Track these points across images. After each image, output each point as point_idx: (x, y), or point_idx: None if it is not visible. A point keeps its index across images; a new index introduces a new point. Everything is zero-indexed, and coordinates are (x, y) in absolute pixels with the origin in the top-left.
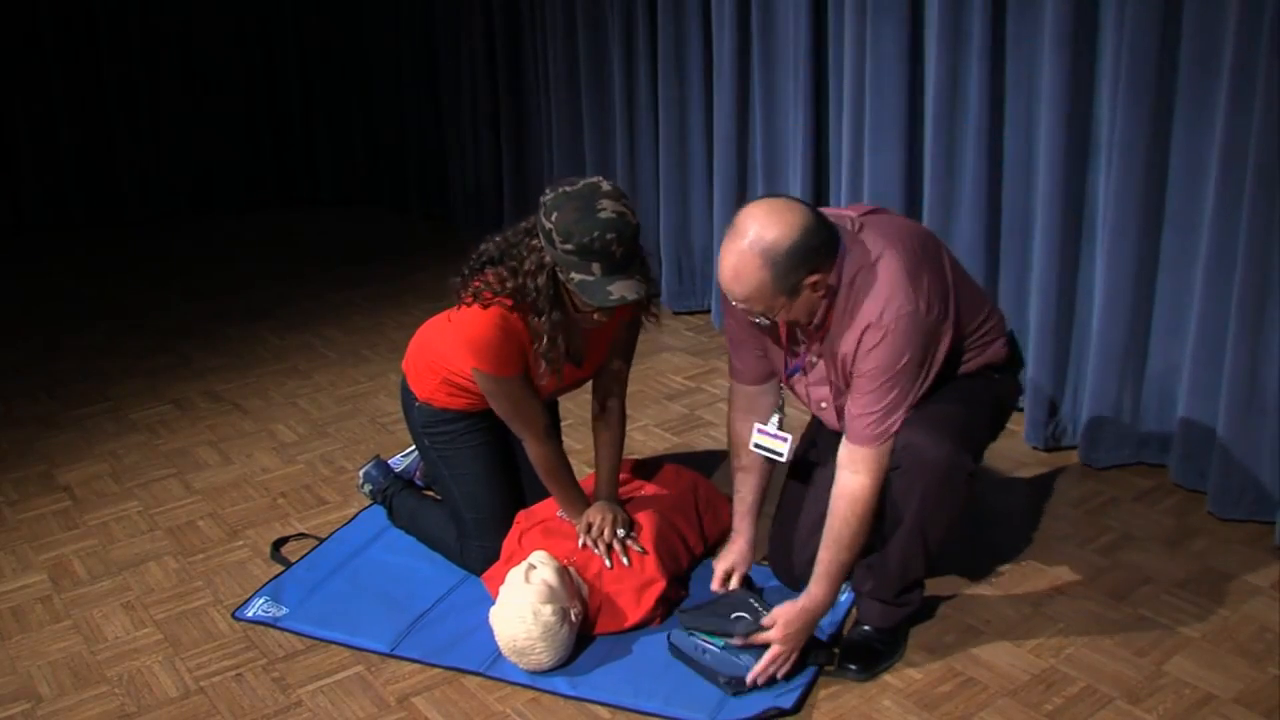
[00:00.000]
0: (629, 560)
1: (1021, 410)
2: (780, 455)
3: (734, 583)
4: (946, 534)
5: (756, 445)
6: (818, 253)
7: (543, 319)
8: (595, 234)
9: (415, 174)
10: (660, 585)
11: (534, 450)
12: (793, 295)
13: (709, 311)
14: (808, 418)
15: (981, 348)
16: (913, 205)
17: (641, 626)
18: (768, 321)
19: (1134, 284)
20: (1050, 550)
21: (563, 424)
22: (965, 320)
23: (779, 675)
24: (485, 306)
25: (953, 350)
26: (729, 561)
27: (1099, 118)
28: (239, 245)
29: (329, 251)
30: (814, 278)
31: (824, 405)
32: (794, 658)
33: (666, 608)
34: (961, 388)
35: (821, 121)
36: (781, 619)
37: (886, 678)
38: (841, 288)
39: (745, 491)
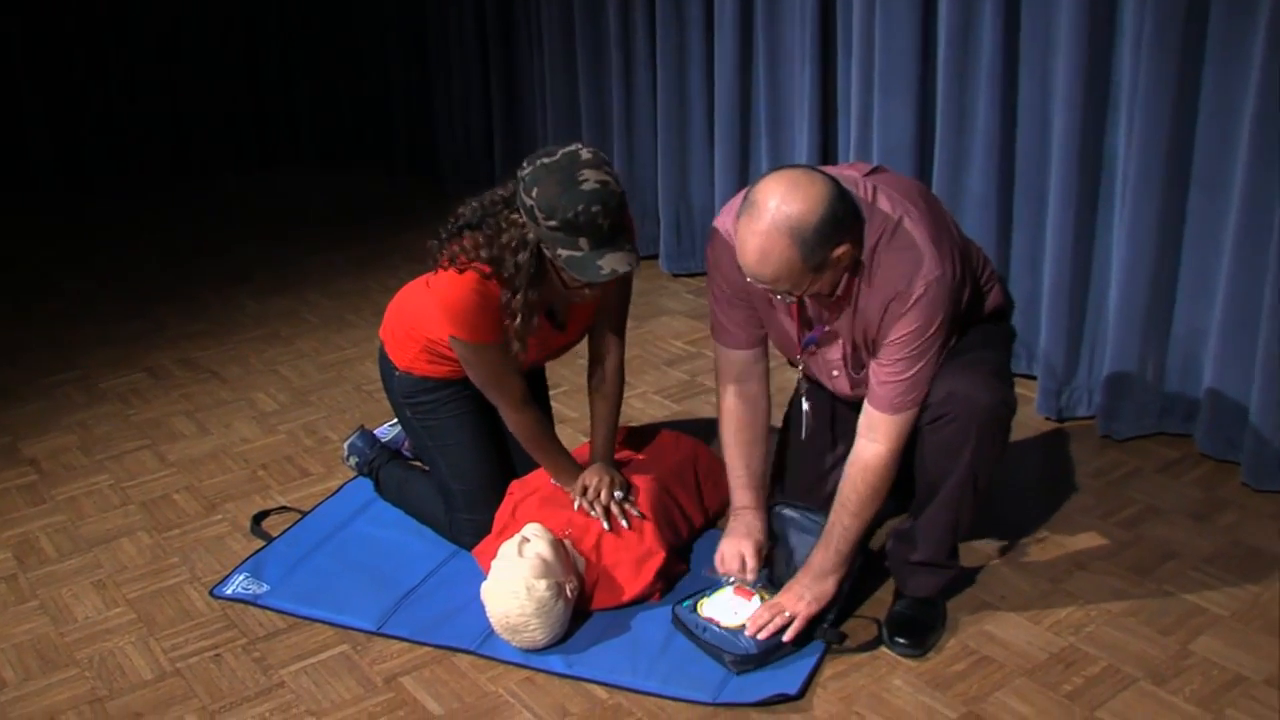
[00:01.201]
0: (628, 523)
1: (1033, 378)
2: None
3: (750, 565)
4: (992, 479)
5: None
6: (844, 224)
7: (517, 297)
8: (580, 208)
9: (402, 128)
10: (660, 557)
11: (511, 418)
12: (820, 271)
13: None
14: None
15: (984, 296)
16: (923, 161)
17: (640, 601)
18: (793, 299)
19: (1157, 244)
20: (1070, 523)
21: (557, 391)
22: (977, 272)
23: (785, 638)
24: (461, 272)
25: (966, 304)
26: (743, 542)
27: (1120, 64)
28: (215, 205)
29: (311, 212)
30: (841, 250)
31: (836, 373)
32: (799, 626)
33: (666, 582)
34: (978, 333)
35: (829, 73)
36: (792, 590)
37: (897, 657)
38: (864, 255)
39: (752, 461)
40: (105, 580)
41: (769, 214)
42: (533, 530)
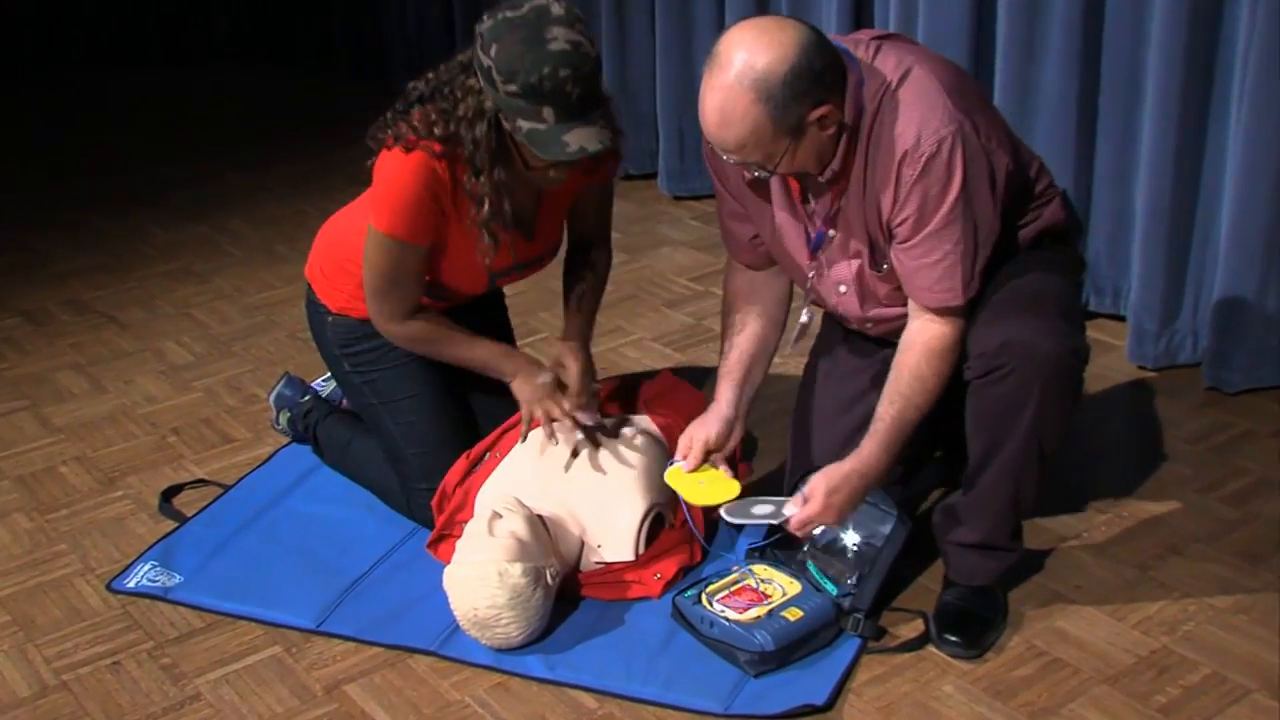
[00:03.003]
0: (590, 422)
1: (1121, 319)
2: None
3: (693, 459)
4: (1061, 443)
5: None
6: (822, 77)
7: (481, 179)
8: (545, 71)
9: (341, 19)
10: (694, 547)
11: (396, 331)
12: (797, 136)
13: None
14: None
15: (1039, 208)
16: (981, 51)
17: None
18: (767, 174)
19: None
20: (1163, 498)
21: (537, 339)
22: (1025, 166)
23: (792, 526)
24: (408, 150)
25: (1014, 208)
26: (708, 429)
27: None
28: (108, 110)
29: (230, 121)
30: (821, 110)
31: (843, 289)
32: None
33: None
34: (1036, 260)
35: None
36: (823, 483)
37: (948, 659)
38: (864, 120)
39: (732, 351)
40: None
41: (732, 68)
42: (506, 503)
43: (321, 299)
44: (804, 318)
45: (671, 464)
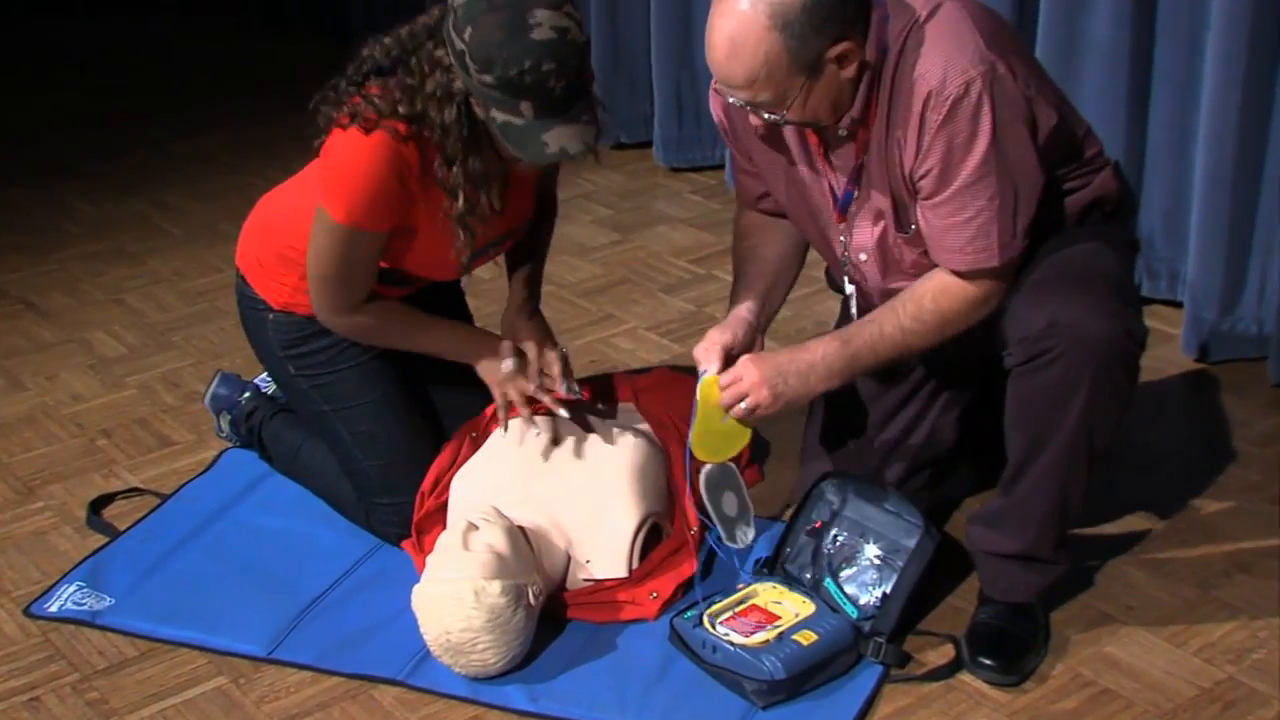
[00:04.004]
0: (569, 396)
1: (1177, 305)
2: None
3: (714, 360)
4: (1113, 440)
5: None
6: (845, 9)
7: (454, 169)
8: (526, 65)
9: None
10: (692, 563)
11: (344, 323)
12: (813, 74)
13: (723, 167)
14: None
15: (1088, 175)
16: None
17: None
18: (778, 120)
19: None
20: (1228, 507)
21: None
22: (1072, 124)
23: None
24: (368, 130)
25: (1059, 169)
26: (727, 332)
27: None
28: (24, 64)
29: (169, 80)
30: (841, 46)
31: (863, 257)
32: (738, 412)
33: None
34: (1085, 236)
35: None
36: (765, 363)
37: (982, 687)
38: (886, 60)
39: (751, 266)
40: None
41: None
42: (482, 513)
43: (260, 294)
44: (849, 290)
45: (704, 374)
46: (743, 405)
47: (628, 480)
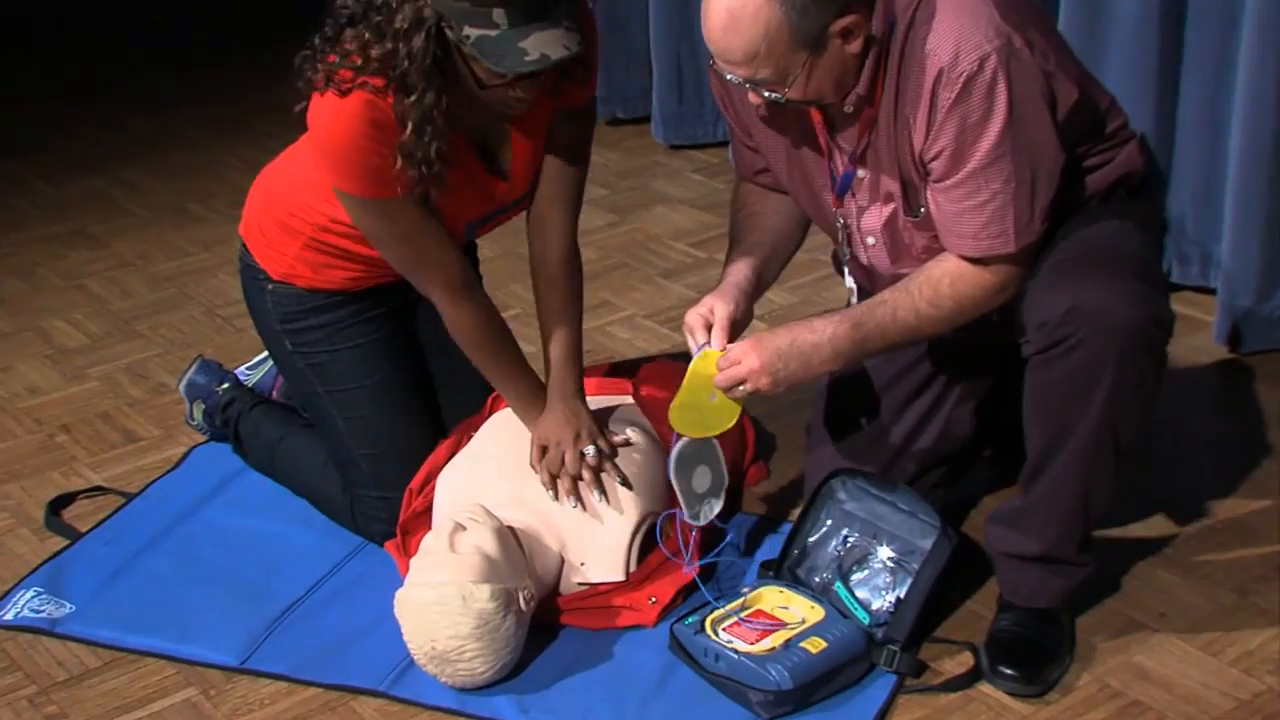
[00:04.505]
0: (604, 496)
1: (1209, 292)
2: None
3: (718, 334)
4: (1139, 434)
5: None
6: None
7: (411, 100)
8: None
9: None
10: (694, 568)
11: (452, 313)
12: (816, 49)
13: (725, 144)
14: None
15: (1111, 150)
16: None
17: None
18: (778, 100)
19: None
20: (1265, 506)
21: (509, 315)
22: (1094, 98)
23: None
24: (344, 92)
25: (1080, 146)
26: (720, 301)
27: None
28: None
29: (131, 44)
30: (847, 20)
31: (871, 241)
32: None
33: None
34: (1108, 215)
35: None
36: (765, 345)
37: (1002, 698)
38: (894, 35)
39: (750, 235)
40: None
41: None
42: (470, 512)
43: (260, 263)
44: (849, 282)
45: (701, 348)
46: (741, 389)
47: (624, 480)
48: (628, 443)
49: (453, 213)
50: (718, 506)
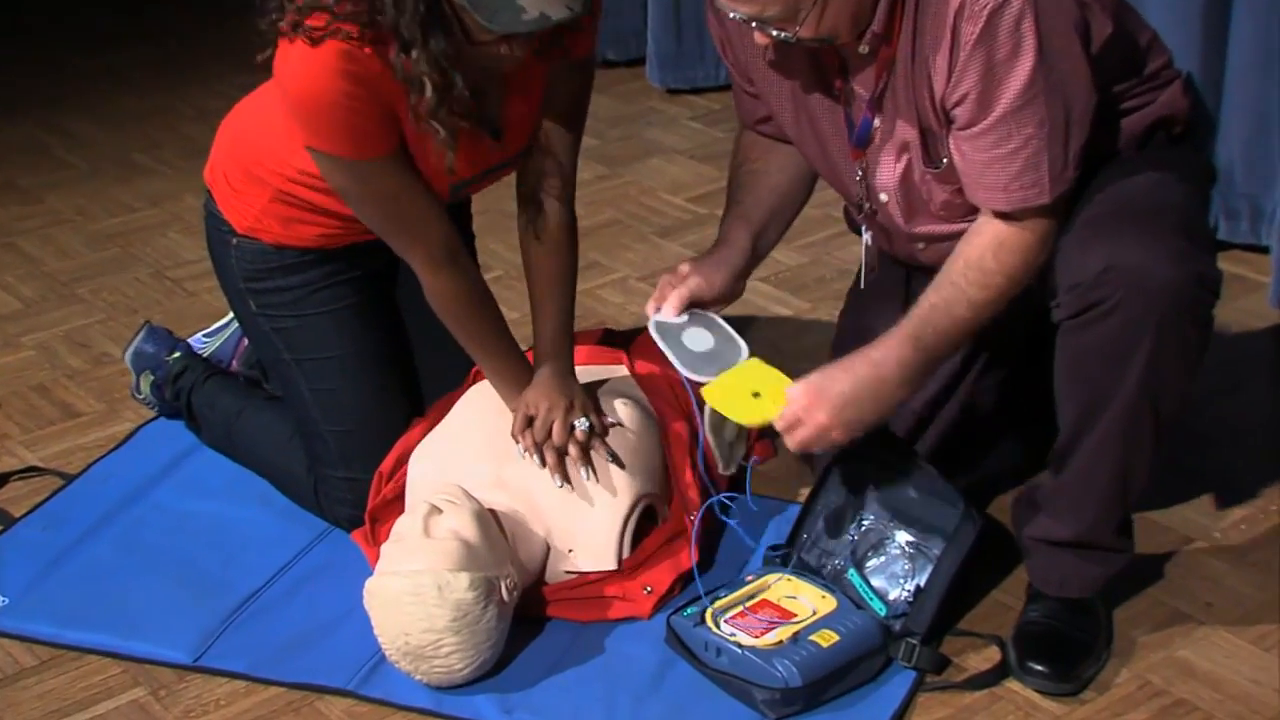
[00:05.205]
0: (594, 474)
1: (1261, 250)
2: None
3: (670, 308)
4: (1182, 405)
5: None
6: None
7: (414, 54)
8: None
9: None
10: (684, 561)
11: (431, 282)
12: None
13: (728, 88)
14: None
15: (1152, 91)
16: None
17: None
18: (788, 40)
19: None
20: None
21: (489, 277)
22: (1133, 33)
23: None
24: (315, 41)
25: (1116, 85)
26: (706, 273)
27: None
28: None
29: None
30: None
31: (884, 198)
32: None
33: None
34: (1147, 158)
35: None
36: (824, 396)
37: (1032, 696)
38: None
39: (748, 195)
40: None
41: None
42: (447, 493)
43: (224, 214)
44: (867, 239)
45: (657, 319)
46: (817, 450)
47: (615, 450)
48: (621, 424)
49: (439, 173)
50: (743, 448)
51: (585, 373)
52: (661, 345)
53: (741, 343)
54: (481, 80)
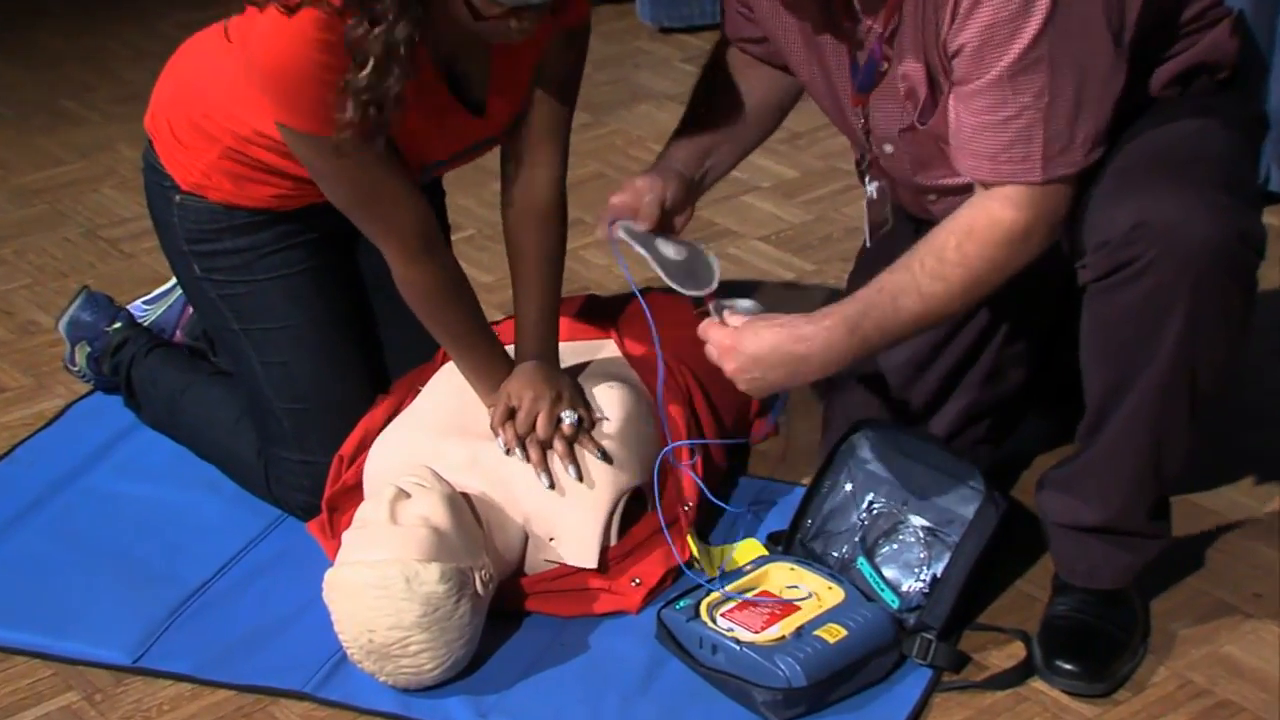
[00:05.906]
0: (578, 473)
1: None
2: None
3: (644, 219)
4: (1224, 377)
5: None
6: None
7: (377, 31)
8: None
9: None
10: (685, 542)
11: (403, 272)
12: None
13: (718, 27)
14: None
15: (1193, 35)
16: None
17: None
18: None
19: None
20: None
21: (460, 236)
22: None
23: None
24: (290, 10)
25: (1151, 41)
26: (658, 183)
27: None
28: None
29: None
30: None
31: (889, 148)
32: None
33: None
34: (1186, 105)
35: None
36: (751, 341)
37: (1060, 697)
38: None
39: (698, 118)
40: None
41: None
42: (415, 476)
43: (166, 167)
44: (870, 192)
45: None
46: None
47: (602, 441)
48: (612, 414)
49: (414, 153)
50: (716, 267)
51: (570, 349)
52: (642, 252)
53: (712, 258)
54: (464, 52)
